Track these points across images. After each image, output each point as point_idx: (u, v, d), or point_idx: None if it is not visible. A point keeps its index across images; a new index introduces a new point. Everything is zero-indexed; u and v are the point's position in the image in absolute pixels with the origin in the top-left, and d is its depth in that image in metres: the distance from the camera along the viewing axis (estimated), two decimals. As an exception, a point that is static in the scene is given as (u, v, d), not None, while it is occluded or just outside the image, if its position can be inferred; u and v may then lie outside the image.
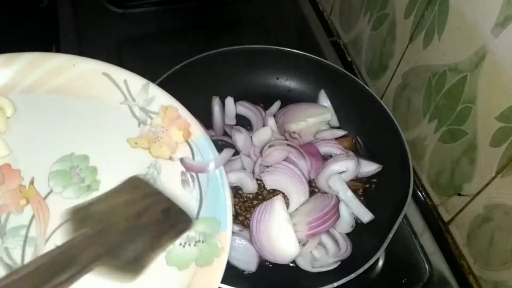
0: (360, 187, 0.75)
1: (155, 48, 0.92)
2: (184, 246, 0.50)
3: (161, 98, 0.53)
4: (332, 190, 0.72)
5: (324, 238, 0.68)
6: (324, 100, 0.82)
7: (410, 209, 0.75)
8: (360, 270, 0.60)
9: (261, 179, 0.72)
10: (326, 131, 0.79)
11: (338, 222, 0.69)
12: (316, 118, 0.78)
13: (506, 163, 0.59)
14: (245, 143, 0.76)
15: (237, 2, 1.06)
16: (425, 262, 0.72)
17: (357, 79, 0.80)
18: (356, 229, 0.70)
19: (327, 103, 0.82)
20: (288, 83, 0.86)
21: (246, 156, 0.74)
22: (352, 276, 0.59)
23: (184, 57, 0.76)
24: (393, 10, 0.80)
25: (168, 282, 0.48)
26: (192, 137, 0.53)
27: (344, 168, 0.73)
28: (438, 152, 0.73)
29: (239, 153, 0.74)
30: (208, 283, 0.47)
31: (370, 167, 0.75)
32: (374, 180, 0.75)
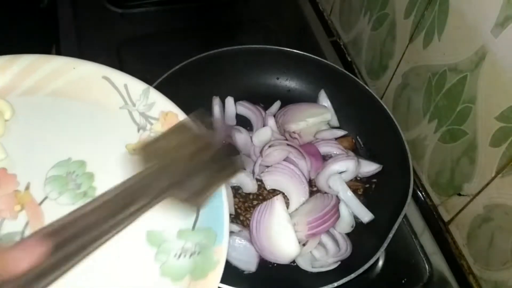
0: (360, 187, 0.75)
1: (155, 48, 0.92)
2: (179, 258, 0.48)
3: (161, 104, 0.52)
4: (332, 190, 0.72)
5: (324, 238, 0.68)
6: (324, 100, 0.82)
7: (410, 209, 0.75)
8: (360, 270, 0.60)
9: (261, 179, 0.72)
10: (326, 131, 0.79)
11: (338, 222, 0.69)
12: (316, 118, 0.78)
13: (506, 163, 0.59)
14: (245, 143, 0.76)
15: (237, 2, 1.06)
16: (425, 262, 0.72)
17: (357, 79, 0.80)
18: (356, 229, 0.70)
19: (327, 103, 0.82)
20: (288, 83, 0.86)
21: (246, 156, 0.74)
22: (352, 276, 0.59)
23: (184, 57, 0.76)
24: (393, 10, 0.80)
25: None
26: None
27: (344, 168, 0.73)
28: (438, 152, 0.73)
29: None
30: None
31: (370, 167, 0.75)
32: (374, 180, 0.75)
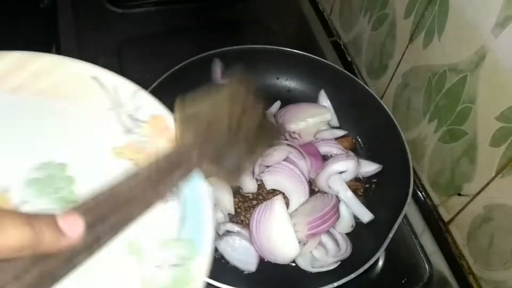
0: (360, 187, 0.75)
1: (155, 48, 0.92)
2: (160, 269, 0.45)
3: (151, 107, 0.49)
4: (332, 190, 0.72)
5: (324, 238, 0.68)
6: (324, 100, 0.82)
7: (410, 209, 0.75)
8: (360, 270, 0.60)
9: (261, 179, 0.72)
10: (326, 131, 0.79)
11: (338, 222, 0.69)
12: (316, 118, 0.78)
13: (506, 163, 0.59)
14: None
15: (237, 2, 1.06)
16: (425, 262, 0.72)
17: (357, 79, 0.80)
18: (356, 229, 0.70)
19: (327, 103, 0.82)
20: (288, 83, 0.86)
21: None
22: (352, 276, 0.59)
23: (184, 57, 0.76)
24: (393, 10, 0.80)
25: None
26: None
27: (344, 168, 0.73)
28: (438, 152, 0.73)
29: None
30: None
31: (370, 167, 0.75)
32: (374, 180, 0.75)
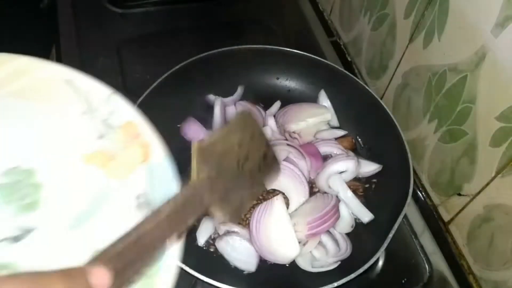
0: (360, 187, 0.75)
1: (155, 48, 0.92)
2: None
3: (125, 112, 0.48)
4: (332, 190, 0.72)
5: (324, 238, 0.68)
6: (324, 100, 0.82)
7: (410, 209, 0.75)
8: (360, 270, 0.60)
9: (261, 179, 0.72)
10: (326, 131, 0.79)
11: (338, 222, 0.69)
12: (316, 118, 0.78)
13: (506, 163, 0.59)
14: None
15: (237, 2, 1.06)
16: (425, 262, 0.72)
17: (357, 79, 0.80)
18: (356, 229, 0.70)
19: (327, 103, 0.82)
20: (288, 83, 0.86)
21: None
22: (352, 276, 0.59)
23: (184, 57, 0.76)
24: (393, 10, 0.80)
25: None
26: (152, 158, 0.46)
27: (344, 168, 0.73)
28: (438, 152, 0.73)
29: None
30: None
31: (370, 167, 0.75)
32: (374, 180, 0.75)
